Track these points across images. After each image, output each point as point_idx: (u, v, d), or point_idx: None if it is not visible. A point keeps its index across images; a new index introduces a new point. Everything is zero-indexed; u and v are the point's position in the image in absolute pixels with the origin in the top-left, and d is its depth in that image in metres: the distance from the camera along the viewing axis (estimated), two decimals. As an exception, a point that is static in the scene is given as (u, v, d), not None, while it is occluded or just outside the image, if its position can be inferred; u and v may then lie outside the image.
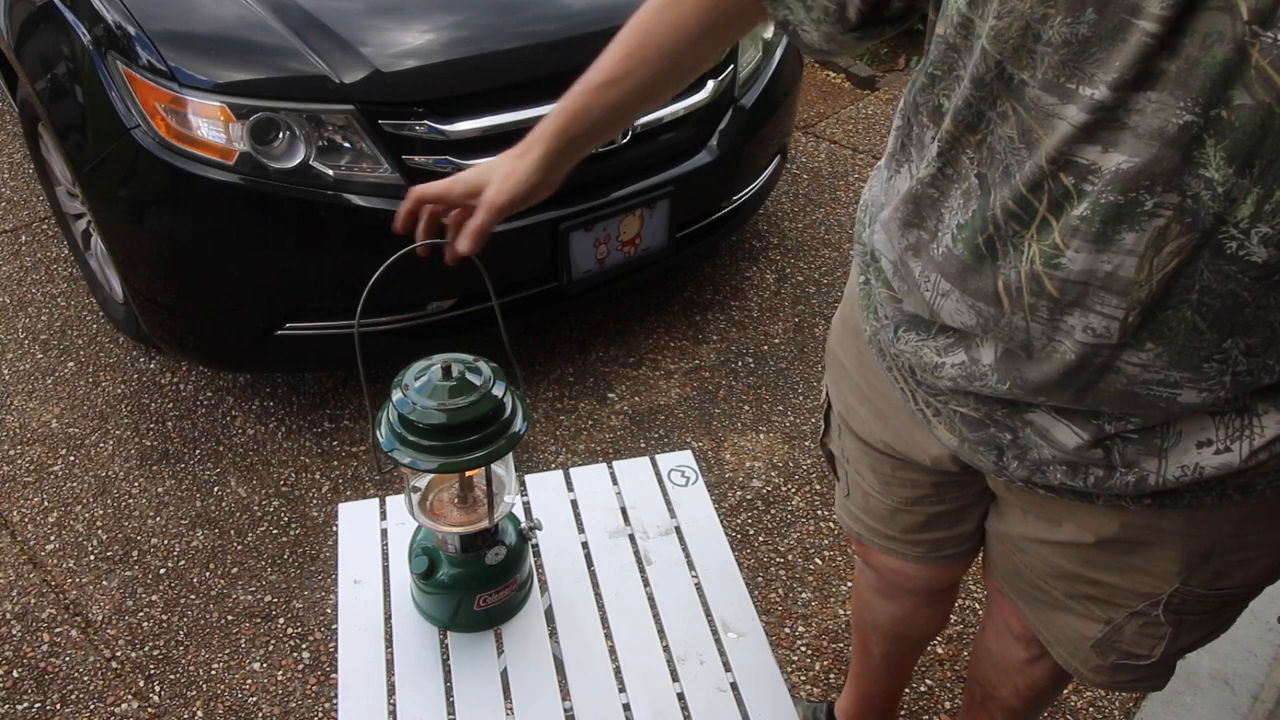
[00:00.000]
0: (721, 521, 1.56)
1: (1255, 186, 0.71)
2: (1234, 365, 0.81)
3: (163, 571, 2.15)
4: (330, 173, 2.12)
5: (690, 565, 1.47)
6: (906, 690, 1.93)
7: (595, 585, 1.44)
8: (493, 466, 1.26)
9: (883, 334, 1.05)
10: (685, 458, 1.64)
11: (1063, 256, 0.79)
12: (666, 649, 1.36)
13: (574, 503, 1.56)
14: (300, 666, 1.98)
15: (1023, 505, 1.11)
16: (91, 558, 2.18)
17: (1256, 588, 1.07)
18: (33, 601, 2.09)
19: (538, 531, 1.47)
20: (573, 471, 1.61)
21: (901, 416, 1.13)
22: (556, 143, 1.09)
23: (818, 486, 2.36)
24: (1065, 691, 1.94)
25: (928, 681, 1.96)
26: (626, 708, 1.29)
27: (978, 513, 1.25)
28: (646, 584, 1.44)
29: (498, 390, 1.20)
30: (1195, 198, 0.73)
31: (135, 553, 2.19)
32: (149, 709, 1.91)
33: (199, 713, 1.90)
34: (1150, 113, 0.72)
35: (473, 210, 1.11)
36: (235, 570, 2.16)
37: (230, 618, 2.06)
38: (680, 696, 1.30)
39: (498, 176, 1.10)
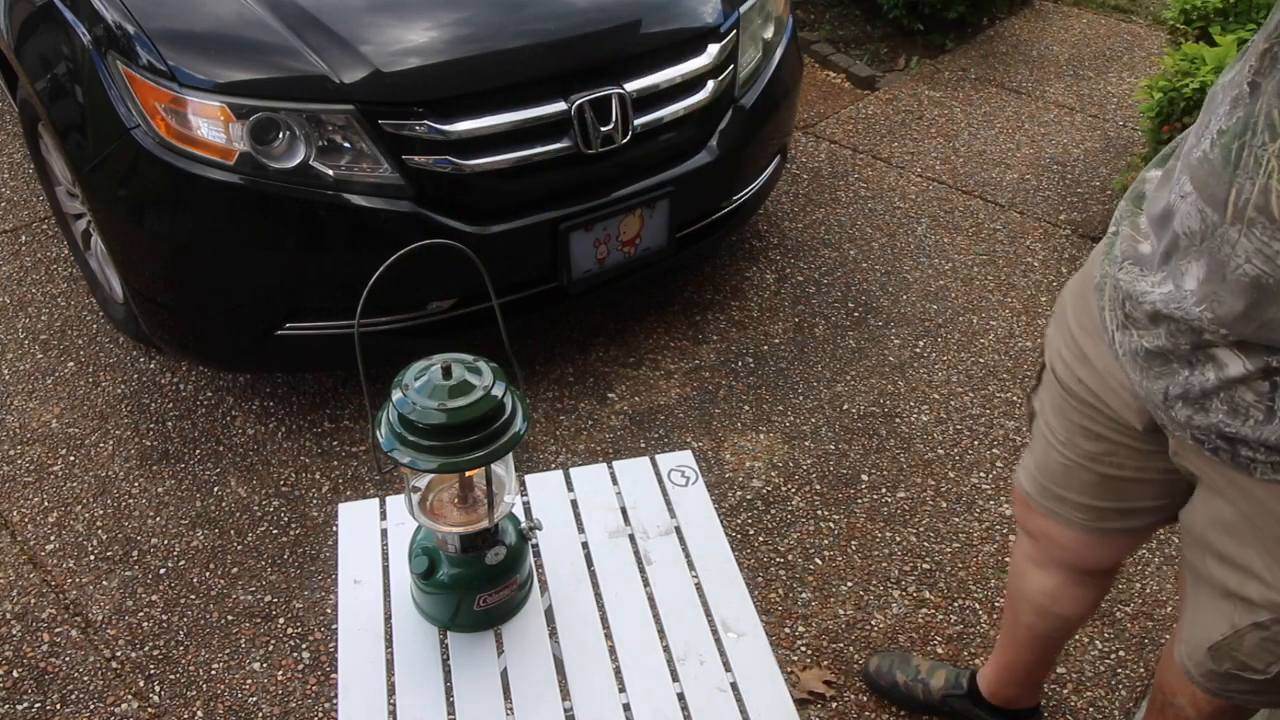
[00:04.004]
0: (721, 521, 1.56)
1: None
2: None
3: (163, 571, 2.15)
4: (330, 173, 2.12)
5: (690, 565, 1.47)
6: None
7: (595, 585, 1.44)
8: (493, 466, 1.26)
9: (1110, 270, 1.14)
10: (685, 458, 1.64)
11: None
12: (666, 649, 1.36)
13: (574, 503, 1.56)
14: (300, 666, 1.98)
15: (1194, 470, 1.16)
16: (91, 558, 2.18)
17: None
18: (33, 601, 2.09)
19: (538, 531, 1.47)
20: (573, 471, 1.61)
21: (1101, 356, 1.20)
22: None
23: (818, 486, 2.36)
24: (1065, 691, 1.94)
25: (928, 681, 1.96)
26: (626, 708, 1.29)
27: (1149, 492, 1.28)
28: (646, 584, 1.44)
29: (498, 390, 1.20)
30: None
31: (135, 553, 2.19)
32: (149, 709, 1.91)
33: (199, 713, 1.90)
34: None
35: None
36: (235, 570, 2.16)
37: (230, 618, 2.06)
38: (680, 696, 1.30)
39: None
